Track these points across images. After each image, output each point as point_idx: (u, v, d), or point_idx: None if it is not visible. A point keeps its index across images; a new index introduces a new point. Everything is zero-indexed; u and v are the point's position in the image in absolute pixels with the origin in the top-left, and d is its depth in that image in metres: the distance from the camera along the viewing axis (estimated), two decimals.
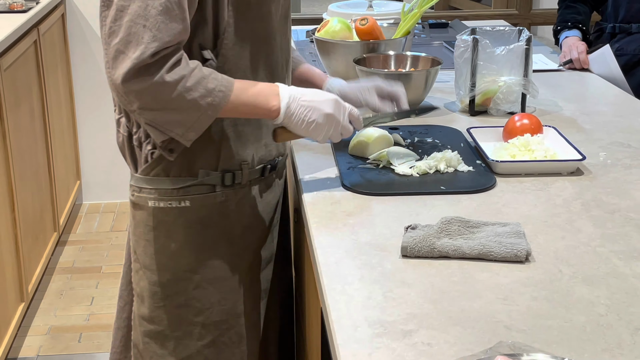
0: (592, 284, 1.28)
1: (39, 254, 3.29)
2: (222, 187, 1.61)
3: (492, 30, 2.16)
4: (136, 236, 1.66)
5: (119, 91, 1.44)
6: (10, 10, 3.32)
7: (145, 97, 1.43)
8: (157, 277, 1.64)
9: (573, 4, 2.78)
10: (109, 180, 4.18)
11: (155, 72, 1.41)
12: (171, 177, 1.59)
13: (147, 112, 1.46)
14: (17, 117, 3.03)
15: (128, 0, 1.42)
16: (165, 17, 1.41)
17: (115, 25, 1.42)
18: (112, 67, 1.43)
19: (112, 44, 1.42)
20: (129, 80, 1.41)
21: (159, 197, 1.61)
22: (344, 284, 1.28)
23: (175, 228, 1.62)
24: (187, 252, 1.63)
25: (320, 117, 1.57)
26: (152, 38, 1.41)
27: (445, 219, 1.41)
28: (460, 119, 2.07)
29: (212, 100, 1.47)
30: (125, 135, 1.64)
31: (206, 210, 1.61)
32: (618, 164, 1.77)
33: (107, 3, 1.45)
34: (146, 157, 1.60)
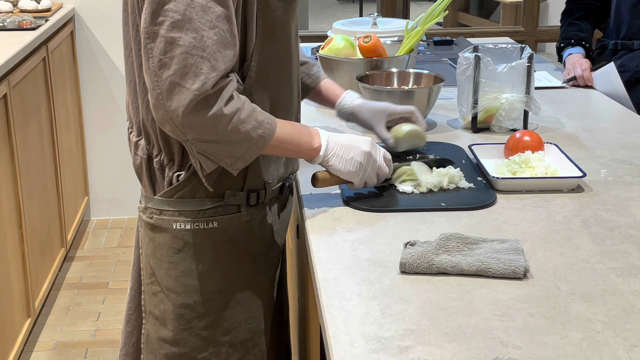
0: (589, 301, 1.28)
1: (46, 270, 3.31)
2: (246, 207, 1.61)
3: (494, 48, 2.17)
4: (156, 259, 1.63)
5: (175, 123, 1.42)
6: (20, 27, 3.36)
7: (203, 129, 1.43)
8: (183, 299, 1.62)
9: (576, 21, 2.80)
10: (117, 196, 4.21)
11: (214, 104, 1.42)
12: (197, 198, 1.58)
13: (202, 143, 1.46)
14: (26, 133, 3.06)
15: (178, 32, 1.40)
16: (220, 46, 1.42)
17: (166, 58, 1.41)
18: (167, 99, 1.41)
19: (165, 76, 1.41)
20: (189, 113, 1.40)
21: (185, 219, 1.59)
22: (342, 300, 1.29)
23: (203, 249, 1.60)
24: (215, 272, 1.62)
25: (358, 155, 1.61)
26: (210, 68, 1.41)
27: (444, 236, 1.42)
28: (463, 135, 2.08)
29: (262, 132, 1.49)
30: (145, 158, 1.62)
31: (233, 231, 1.61)
32: (619, 181, 1.78)
33: (151, 36, 1.42)
34: (170, 179, 1.59)
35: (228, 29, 1.43)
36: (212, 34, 1.41)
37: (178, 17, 1.41)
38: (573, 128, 2.15)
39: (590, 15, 2.81)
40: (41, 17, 3.55)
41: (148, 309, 1.68)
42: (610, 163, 1.88)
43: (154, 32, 1.42)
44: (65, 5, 3.91)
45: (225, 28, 1.43)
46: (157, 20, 1.42)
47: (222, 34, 1.42)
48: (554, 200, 1.67)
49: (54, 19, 3.59)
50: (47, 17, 3.58)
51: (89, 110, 4.08)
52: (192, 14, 1.41)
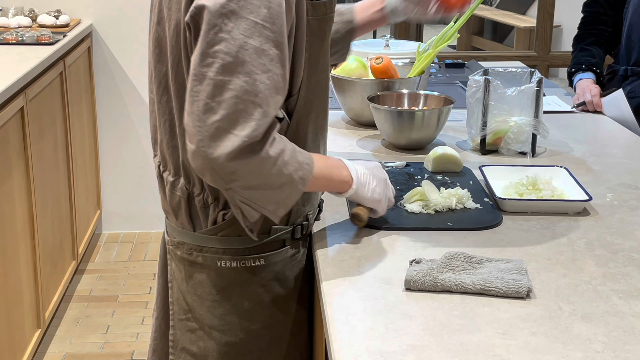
0: (590, 321, 1.30)
1: (57, 282, 3.34)
2: (291, 241, 1.58)
3: (504, 72, 2.20)
4: (196, 296, 1.58)
5: (218, 171, 1.34)
6: (38, 42, 3.42)
7: (248, 175, 1.36)
8: (228, 338, 1.57)
9: (587, 47, 2.83)
10: (129, 211, 4.25)
11: (260, 149, 1.34)
12: (243, 236, 1.52)
13: (245, 190, 1.38)
14: (41, 146, 3.10)
15: (229, 76, 1.32)
16: (272, 91, 1.35)
17: (214, 102, 1.32)
18: (210, 146, 1.31)
19: (211, 121, 1.31)
20: (234, 159, 1.32)
21: (231, 257, 1.54)
22: (347, 315, 1.32)
23: (250, 287, 1.56)
24: (262, 309, 1.57)
25: (380, 182, 1.59)
26: (262, 114, 1.33)
27: (449, 254, 1.44)
28: (471, 157, 2.11)
29: (303, 173, 1.42)
30: (184, 197, 1.55)
31: (279, 267, 1.57)
32: (624, 205, 1.80)
33: (199, 78, 1.34)
34: (215, 218, 1.53)
35: (281, 73, 1.36)
36: (265, 78, 1.33)
37: (229, 60, 1.32)
38: (581, 152, 2.17)
39: (602, 41, 2.84)
40: (59, 33, 3.61)
41: (180, 345, 1.63)
42: (616, 187, 1.91)
43: (202, 74, 1.33)
44: (84, 21, 3.98)
45: (279, 72, 1.35)
46: (206, 62, 1.33)
47: (276, 78, 1.35)
48: (559, 222, 1.69)
49: (71, 34, 3.65)
50: (65, 33, 3.63)
51: (104, 125, 4.13)
52: (245, 57, 1.32)
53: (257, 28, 1.33)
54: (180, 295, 1.61)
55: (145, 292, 3.65)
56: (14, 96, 2.78)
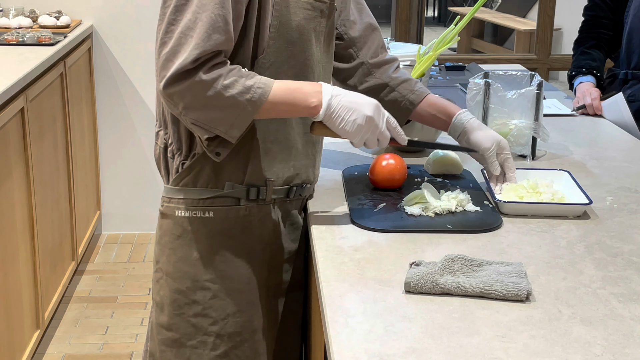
0: (590, 325, 1.30)
1: (56, 282, 3.34)
2: (246, 201, 1.68)
3: (504, 75, 2.20)
4: (161, 245, 1.73)
5: (163, 95, 1.53)
6: (39, 43, 3.42)
7: (186, 97, 1.51)
8: (177, 285, 1.70)
9: (588, 50, 2.83)
10: (128, 211, 4.25)
11: (194, 74, 1.50)
12: (198, 187, 1.67)
13: (191, 112, 1.53)
14: (41, 147, 3.10)
15: (180, 15, 1.53)
16: (209, 28, 1.51)
17: (167, 37, 1.53)
18: (160, 75, 1.52)
19: (162, 53, 1.53)
20: (170, 84, 1.50)
21: (186, 207, 1.68)
22: (347, 317, 1.32)
23: (198, 237, 1.68)
24: (208, 262, 1.69)
25: (360, 118, 1.60)
26: (195, 46, 1.50)
27: (448, 257, 1.45)
28: (472, 160, 2.10)
29: (251, 96, 1.54)
30: (162, 147, 1.72)
31: (229, 223, 1.68)
32: (624, 208, 1.80)
33: (161, 17, 1.55)
34: (177, 167, 1.68)
35: (220, 14, 1.51)
36: (204, 16, 1.51)
37: (182, 2, 1.53)
38: (581, 155, 2.17)
39: (603, 44, 2.85)
40: (60, 33, 3.61)
41: (153, 297, 1.77)
42: (616, 191, 1.91)
43: (162, 14, 1.55)
44: (84, 22, 3.98)
45: (218, 13, 1.51)
46: (166, 4, 1.55)
47: (213, 17, 1.51)
48: (559, 225, 1.70)
49: (72, 35, 3.65)
50: (66, 34, 3.63)
51: (104, 126, 4.13)
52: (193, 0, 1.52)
53: None
54: (155, 248, 1.76)
55: (145, 293, 3.65)
56: (14, 97, 2.78)
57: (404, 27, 4.25)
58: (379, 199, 1.79)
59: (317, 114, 1.59)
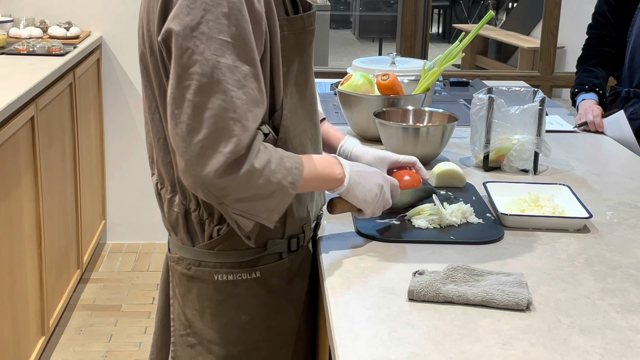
0: (588, 334, 1.34)
1: (61, 290, 3.37)
2: (287, 253, 1.61)
3: (507, 90, 2.24)
4: (195, 310, 1.60)
5: (208, 188, 1.38)
6: (49, 53, 3.47)
7: (237, 189, 1.39)
8: (227, 351, 1.60)
9: (591, 68, 2.87)
10: (133, 221, 4.28)
11: (245, 162, 1.38)
12: (239, 250, 1.56)
13: (237, 203, 1.42)
14: (50, 155, 3.15)
15: (206, 96, 1.37)
16: (251, 105, 1.39)
17: (195, 123, 1.36)
18: (198, 165, 1.37)
19: (195, 141, 1.36)
20: (222, 176, 1.37)
21: (227, 270, 1.57)
22: (351, 323, 1.35)
23: (247, 300, 1.59)
24: (259, 322, 1.60)
25: (375, 187, 1.62)
26: (242, 129, 1.37)
27: (451, 266, 1.48)
28: (474, 173, 2.15)
29: (292, 178, 1.46)
30: (182, 213, 1.58)
31: (275, 279, 1.60)
32: (624, 223, 1.84)
33: (177, 101, 1.38)
34: (210, 233, 1.56)
35: (257, 86, 1.41)
36: (241, 93, 1.38)
37: (205, 80, 1.37)
38: (582, 171, 2.21)
39: (606, 62, 2.88)
40: (70, 44, 3.66)
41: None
42: (616, 206, 1.94)
43: (180, 96, 1.38)
44: (93, 33, 4.03)
45: (254, 86, 1.40)
46: (183, 85, 1.38)
47: (252, 92, 1.40)
48: (560, 238, 1.73)
49: (82, 46, 3.70)
50: (76, 44, 3.68)
51: (111, 136, 4.18)
52: (220, 76, 1.37)
53: (227, 47, 1.38)
54: (180, 311, 1.64)
55: (149, 302, 3.68)
56: (25, 105, 2.83)
57: (409, 42, 4.30)
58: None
59: (341, 185, 1.57)
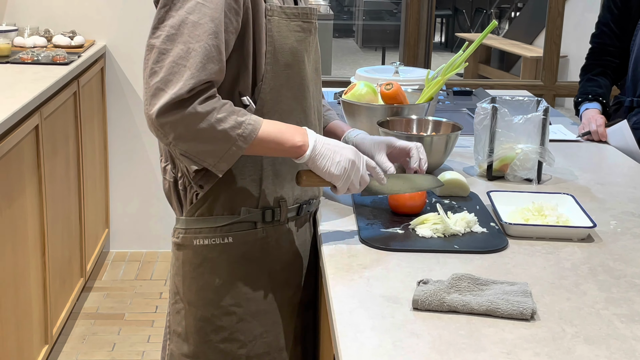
0: (593, 344, 1.34)
1: (65, 298, 3.37)
2: (262, 224, 1.73)
3: (511, 100, 2.25)
4: (181, 276, 1.75)
5: (154, 124, 1.54)
6: (53, 62, 3.48)
7: (178, 128, 1.53)
8: (202, 313, 1.73)
9: (594, 77, 2.87)
10: (136, 230, 4.29)
11: (189, 105, 1.52)
12: (215, 215, 1.70)
13: (181, 142, 1.55)
14: (54, 164, 3.15)
15: (170, 44, 1.54)
16: (204, 58, 1.54)
17: (157, 67, 1.54)
18: (150, 104, 1.53)
19: (152, 82, 1.54)
20: (163, 113, 1.51)
21: (204, 236, 1.71)
22: (356, 332, 1.35)
23: (220, 264, 1.71)
24: (231, 286, 1.72)
25: (344, 161, 1.66)
26: (190, 76, 1.52)
27: (455, 276, 1.48)
28: (478, 182, 2.15)
29: (242, 131, 1.57)
30: (171, 182, 1.74)
31: (248, 246, 1.72)
32: (627, 232, 1.84)
33: (149, 47, 1.57)
34: (191, 199, 1.71)
35: (214, 44, 1.55)
36: (198, 46, 1.54)
37: (172, 32, 1.55)
38: (586, 180, 2.21)
39: (609, 71, 2.89)
40: (74, 53, 3.67)
41: (172, 328, 1.78)
42: (620, 215, 1.94)
43: (151, 44, 1.56)
44: (97, 42, 4.04)
45: (212, 43, 1.55)
46: (155, 34, 1.57)
47: (207, 47, 1.54)
48: (563, 248, 1.73)
49: (86, 55, 3.71)
50: (80, 53, 3.70)
51: (114, 145, 4.18)
52: (184, 29, 1.54)
53: (197, 6, 1.56)
54: (172, 280, 1.79)
55: (152, 310, 3.68)
56: (29, 114, 2.84)
57: (412, 51, 4.31)
58: (388, 219, 1.83)
59: (302, 154, 1.63)
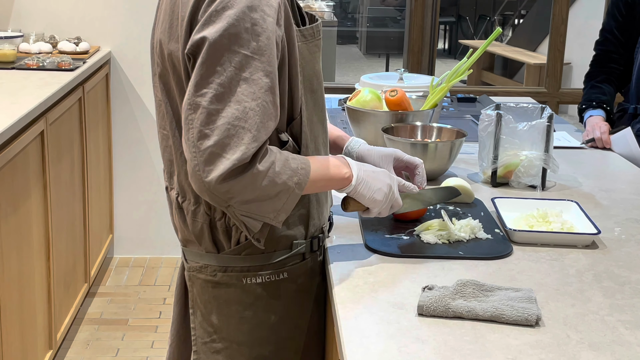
0: (597, 350, 1.34)
1: (69, 304, 3.38)
2: (310, 253, 1.68)
3: (515, 107, 2.25)
4: (223, 315, 1.65)
5: (212, 192, 1.43)
6: (59, 68, 3.49)
7: (242, 192, 1.44)
8: (258, 352, 1.66)
9: (599, 84, 2.88)
10: (140, 236, 4.30)
11: (252, 167, 1.44)
12: (266, 253, 1.62)
13: (244, 205, 1.47)
14: (59, 169, 3.16)
15: (221, 104, 1.43)
16: (263, 117, 1.45)
17: (208, 129, 1.42)
18: (205, 171, 1.42)
19: (204, 147, 1.42)
20: (226, 180, 1.42)
21: (255, 273, 1.62)
22: (361, 337, 1.36)
23: (276, 300, 1.65)
24: (288, 321, 1.67)
25: (384, 186, 1.65)
26: (252, 139, 1.43)
27: (460, 282, 1.49)
28: (482, 189, 2.16)
29: (298, 179, 1.51)
30: (206, 223, 1.62)
31: (301, 279, 1.67)
32: (632, 239, 1.84)
33: (194, 107, 1.44)
34: (238, 239, 1.61)
35: (271, 100, 1.46)
36: (254, 105, 1.44)
37: (221, 90, 1.43)
38: (590, 187, 2.22)
39: (613, 78, 2.89)
40: (79, 59, 3.69)
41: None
42: (624, 222, 1.95)
43: (196, 103, 1.44)
44: (103, 48, 4.06)
45: (269, 99, 1.46)
46: (200, 92, 1.44)
47: (265, 105, 1.45)
48: (568, 254, 1.74)
49: (91, 61, 3.73)
50: (85, 59, 3.71)
51: (119, 150, 4.20)
52: (236, 87, 1.43)
53: (247, 60, 1.45)
54: (204, 319, 1.67)
55: (155, 316, 3.69)
56: (35, 120, 2.85)
57: (416, 58, 4.32)
58: (392, 225, 1.84)
59: (349, 184, 1.61)
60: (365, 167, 1.66)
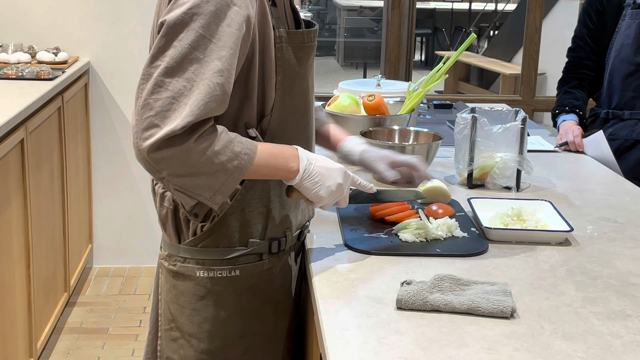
0: (570, 339, 1.38)
1: (49, 313, 3.38)
2: (268, 255, 1.69)
3: (490, 110, 2.30)
4: (178, 305, 1.69)
5: (145, 159, 1.47)
6: (38, 77, 3.51)
7: (173, 164, 1.47)
8: (205, 345, 1.68)
9: (571, 90, 2.94)
10: (119, 245, 4.30)
11: (183, 141, 1.45)
12: (220, 247, 1.64)
13: (176, 178, 1.49)
14: (39, 178, 3.17)
15: (170, 78, 1.46)
16: (206, 97, 1.46)
17: (152, 99, 1.46)
18: (141, 138, 1.46)
19: (146, 115, 1.46)
20: (157, 149, 1.44)
21: (208, 267, 1.65)
22: (342, 330, 1.39)
23: (226, 297, 1.66)
24: (237, 319, 1.68)
25: (333, 185, 1.64)
26: (189, 113, 1.45)
27: (438, 276, 1.52)
28: (459, 191, 2.20)
29: (239, 163, 1.52)
30: (171, 209, 1.67)
31: (255, 279, 1.68)
32: (604, 236, 1.89)
33: (145, 76, 1.49)
34: (194, 230, 1.65)
35: (219, 83, 1.48)
36: (201, 84, 1.47)
37: (173, 64, 1.47)
38: (563, 188, 2.27)
39: (585, 84, 2.95)
40: (58, 69, 3.70)
41: (165, 355, 1.73)
42: (596, 220, 2.00)
43: (149, 73, 1.48)
44: (81, 58, 4.07)
45: (217, 82, 1.48)
46: (155, 64, 1.48)
47: (212, 85, 1.47)
48: (542, 251, 1.78)
49: (70, 70, 3.74)
50: (64, 69, 3.72)
51: (98, 160, 4.21)
52: (188, 64, 1.47)
53: (204, 41, 1.48)
54: (166, 306, 1.72)
55: (136, 325, 3.69)
56: (15, 128, 2.86)
57: (393, 67, 4.37)
58: (371, 224, 1.88)
59: (293, 178, 1.61)
60: (320, 163, 1.64)
